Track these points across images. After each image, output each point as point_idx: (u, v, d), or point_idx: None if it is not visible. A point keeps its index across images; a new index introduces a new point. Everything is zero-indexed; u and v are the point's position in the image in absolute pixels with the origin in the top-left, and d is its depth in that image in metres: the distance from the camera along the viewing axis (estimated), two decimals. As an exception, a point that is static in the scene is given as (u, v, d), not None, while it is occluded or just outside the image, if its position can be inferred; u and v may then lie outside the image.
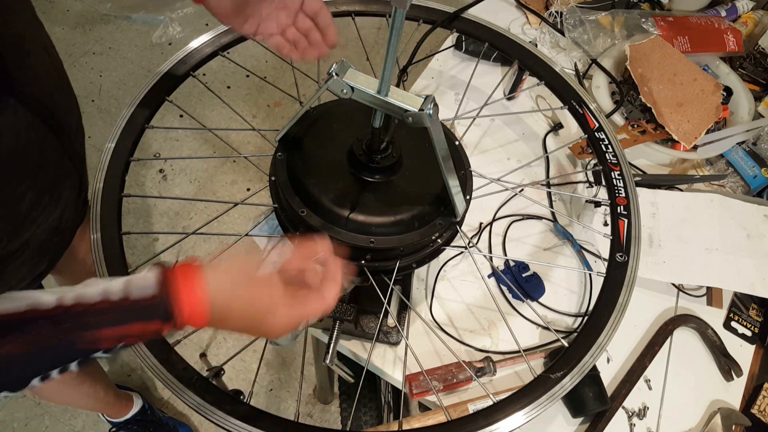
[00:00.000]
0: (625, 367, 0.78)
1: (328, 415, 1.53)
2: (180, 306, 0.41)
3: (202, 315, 0.42)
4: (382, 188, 0.60)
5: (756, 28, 1.18)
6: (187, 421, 1.49)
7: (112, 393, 1.28)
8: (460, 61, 1.08)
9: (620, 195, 0.72)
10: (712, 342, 0.81)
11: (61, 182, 0.65)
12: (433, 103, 0.50)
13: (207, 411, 0.53)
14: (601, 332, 0.61)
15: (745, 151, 0.98)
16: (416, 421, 0.64)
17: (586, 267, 0.84)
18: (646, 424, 0.75)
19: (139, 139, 0.70)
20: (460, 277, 0.82)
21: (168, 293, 0.40)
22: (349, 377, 0.69)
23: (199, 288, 0.42)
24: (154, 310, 0.40)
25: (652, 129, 0.98)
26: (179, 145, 1.95)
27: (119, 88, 2.08)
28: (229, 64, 1.98)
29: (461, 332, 0.77)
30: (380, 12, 0.84)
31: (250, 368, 1.57)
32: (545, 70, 0.82)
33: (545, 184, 0.93)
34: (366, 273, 0.62)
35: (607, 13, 1.12)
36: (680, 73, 1.02)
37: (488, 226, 0.87)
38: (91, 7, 2.28)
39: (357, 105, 0.53)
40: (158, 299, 0.40)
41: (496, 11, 1.18)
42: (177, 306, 0.40)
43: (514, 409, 0.56)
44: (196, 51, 0.76)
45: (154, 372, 0.55)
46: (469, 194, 0.63)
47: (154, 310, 0.40)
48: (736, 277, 0.83)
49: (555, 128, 0.99)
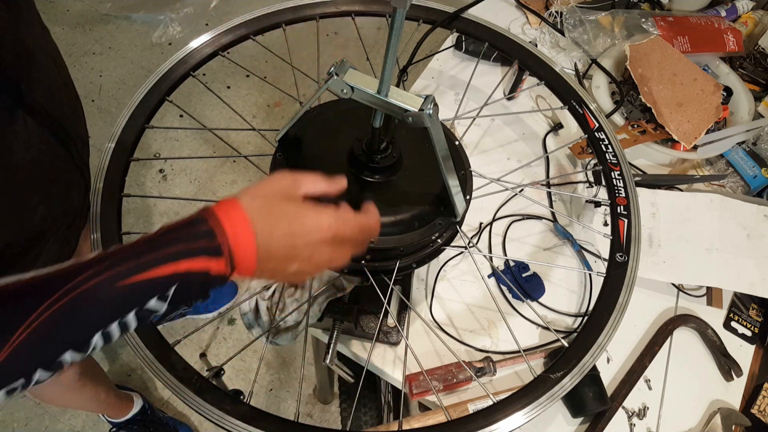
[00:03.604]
0: (625, 367, 0.78)
1: (328, 415, 1.53)
2: (222, 226, 0.39)
3: (246, 231, 0.40)
4: (382, 188, 0.60)
5: (756, 28, 1.18)
6: (187, 421, 1.49)
7: (113, 394, 1.28)
8: (460, 61, 1.08)
9: (620, 195, 0.72)
10: (712, 342, 0.81)
11: (70, 192, 0.65)
12: (433, 103, 0.50)
13: (207, 411, 0.53)
14: (601, 332, 0.61)
15: (745, 151, 0.98)
16: (416, 421, 0.64)
17: (586, 267, 0.84)
18: (646, 424, 0.75)
19: (139, 139, 0.70)
20: (460, 277, 0.82)
21: (206, 216, 0.40)
22: (349, 377, 0.69)
23: (236, 208, 0.40)
24: (195, 232, 0.39)
25: (652, 129, 0.98)
26: (179, 145, 1.95)
27: (119, 88, 2.08)
28: (229, 64, 1.98)
29: (461, 332, 0.77)
30: (380, 12, 0.83)
31: (250, 368, 1.57)
32: (545, 70, 0.82)
33: (545, 184, 0.93)
34: (366, 273, 0.62)
35: (607, 13, 1.12)
36: (680, 73, 1.02)
37: (488, 226, 0.87)
38: (91, 7, 2.28)
39: (357, 105, 0.53)
40: (197, 218, 0.39)
41: (496, 11, 1.18)
42: (218, 226, 0.39)
43: (514, 409, 0.56)
44: (196, 51, 0.76)
45: (154, 372, 0.55)
46: (469, 194, 0.63)
47: (196, 232, 0.39)
48: (736, 277, 0.83)
49: (555, 128, 0.99)
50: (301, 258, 0.44)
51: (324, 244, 0.45)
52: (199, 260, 0.39)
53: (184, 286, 0.39)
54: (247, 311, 0.71)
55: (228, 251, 0.40)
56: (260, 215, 0.41)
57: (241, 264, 0.41)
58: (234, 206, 0.41)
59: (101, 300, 0.36)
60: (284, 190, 0.44)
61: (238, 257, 0.40)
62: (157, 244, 0.38)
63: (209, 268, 0.39)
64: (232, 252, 0.40)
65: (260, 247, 0.41)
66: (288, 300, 0.70)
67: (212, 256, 0.39)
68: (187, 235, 0.39)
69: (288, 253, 0.43)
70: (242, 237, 0.40)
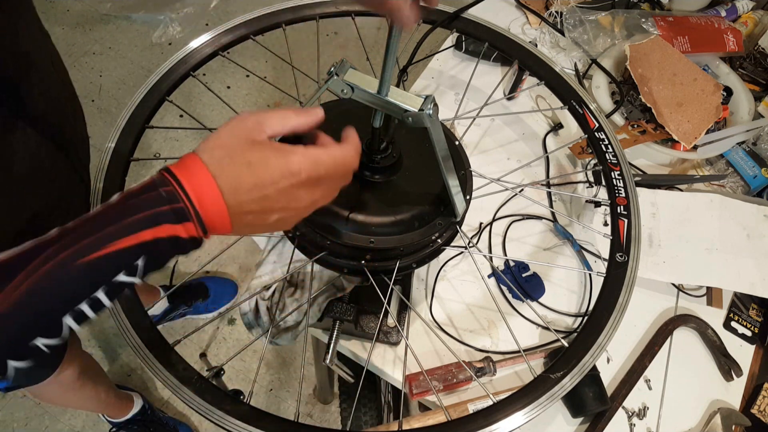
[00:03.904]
0: (625, 367, 0.78)
1: (328, 415, 1.53)
2: (183, 187, 0.37)
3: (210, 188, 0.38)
4: (382, 188, 0.60)
5: (756, 28, 1.18)
6: (187, 421, 1.49)
7: (113, 394, 1.28)
8: (460, 61, 1.08)
9: (620, 195, 0.72)
10: (712, 342, 0.81)
11: (71, 196, 0.65)
12: (433, 103, 0.50)
13: (207, 411, 0.53)
14: (601, 332, 0.61)
15: (745, 151, 0.98)
16: (416, 421, 0.64)
17: (586, 267, 0.84)
18: (646, 424, 0.75)
19: (139, 139, 0.70)
20: (460, 277, 0.82)
21: (165, 177, 0.37)
22: (349, 377, 0.69)
23: (196, 165, 0.38)
24: (155, 196, 0.36)
25: (652, 129, 0.98)
26: (179, 145, 1.95)
27: (119, 88, 2.08)
28: (229, 64, 1.98)
29: (461, 332, 0.77)
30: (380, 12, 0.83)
31: (250, 368, 1.57)
32: (545, 70, 0.82)
33: (545, 184, 0.93)
34: (366, 273, 0.62)
35: (607, 13, 1.12)
36: (680, 73, 1.02)
37: (488, 226, 0.87)
38: (91, 7, 2.28)
39: (357, 105, 0.53)
40: (156, 181, 0.37)
41: (496, 11, 1.18)
42: (179, 187, 0.37)
43: (514, 409, 0.56)
44: (196, 51, 0.76)
45: (154, 372, 0.55)
46: (469, 194, 0.63)
47: (157, 197, 0.36)
48: (736, 277, 0.83)
49: (555, 128, 0.99)
50: (277, 207, 0.42)
51: (298, 188, 0.42)
52: (164, 227, 0.36)
53: (153, 255, 0.37)
54: (247, 311, 0.71)
55: (194, 213, 0.37)
56: (222, 169, 0.38)
57: (213, 223, 0.39)
58: (194, 163, 0.38)
59: (62, 281, 0.34)
60: (246, 135, 0.40)
61: (208, 217, 0.38)
62: (117, 214, 0.36)
63: (177, 232, 0.37)
64: (199, 213, 0.38)
65: (229, 203, 0.39)
66: (288, 300, 0.70)
67: (178, 221, 0.37)
68: (148, 201, 0.37)
69: (262, 205, 0.41)
70: (207, 195, 0.38)
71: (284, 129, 0.43)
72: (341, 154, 0.45)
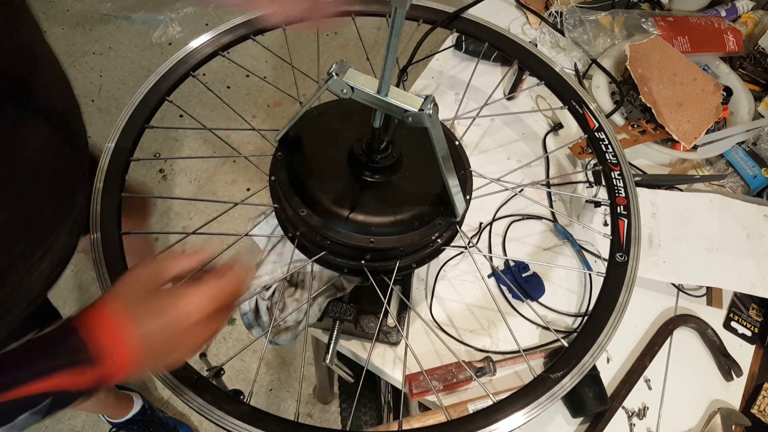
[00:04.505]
0: (625, 367, 0.78)
1: (328, 415, 1.53)
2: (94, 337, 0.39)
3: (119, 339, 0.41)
4: (382, 188, 0.60)
5: (756, 28, 1.18)
6: (187, 421, 1.49)
7: (113, 394, 1.28)
8: (460, 61, 1.08)
9: (620, 195, 0.72)
10: (712, 342, 0.81)
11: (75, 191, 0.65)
12: (433, 103, 0.50)
13: (207, 411, 0.53)
14: (601, 332, 0.61)
15: (745, 151, 0.98)
16: (416, 421, 0.64)
17: (586, 267, 0.84)
18: (646, 424, 0.75)
19: (139, 139, 0.70)
20: (460, 277, 0.82)
21: (75, 328, 0.40)
22: (349, 377, 0.69)
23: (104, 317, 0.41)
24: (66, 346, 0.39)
25: (652, 129, 0.98)
26: (179, 145, 1.95)
27: (119, 88, 2.08)
28: (229, 64, 1.98)
29: (461, 332, 0.77)
30: (380, 12, 0.83)
31: (250, 368, 1.57)
32: (545, 70, 0.82)
33: (545, 184, 0.93)
34: (366, 273, 0.62)
35: (607, 13, 1.12)
36: (680, 73, 1.02)
37: (488, 226, 0.87)
38: (91, 7, 2.28)
39: (357, 105, 0.53)
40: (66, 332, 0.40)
41: (496, 11, 1.18)
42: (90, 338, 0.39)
43: (514, 409, 0.56)
44: (196, 51, 0.76)
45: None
46: (469, 194, 0.63)
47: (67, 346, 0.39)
48: (736, 277, 0.83)
49: (555, 128, 0.99)
50: (183, 345, 0.46)
51: (200, 324, 0.45)
52: (72, 374, 0.39)
53: (58, 398, 0.40)
54: (247, 311, 0.71)
55: (100, 362, 0.40)
56: (130, 319, 0.42)
57: (120, 370, 0.42)
58: (102, 316, 0.42)
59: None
60: (147, 284, 0.45)
61: (114, 365, 0.41)
62: (25, 359, 0.38)
63: (82, 381, 0.40)
64: (106, 362, 0.40)
65: (138, 349, 0.42)
66: (288, 300, 0.70)
67: (84, 368, 0.39)
68: (59, 350, 0.39)
69: (170, 345, 0.45)
70: (116, 346, 0.41)
71: (182, 269, 0.48)
72: (227, 283, 0.48)
